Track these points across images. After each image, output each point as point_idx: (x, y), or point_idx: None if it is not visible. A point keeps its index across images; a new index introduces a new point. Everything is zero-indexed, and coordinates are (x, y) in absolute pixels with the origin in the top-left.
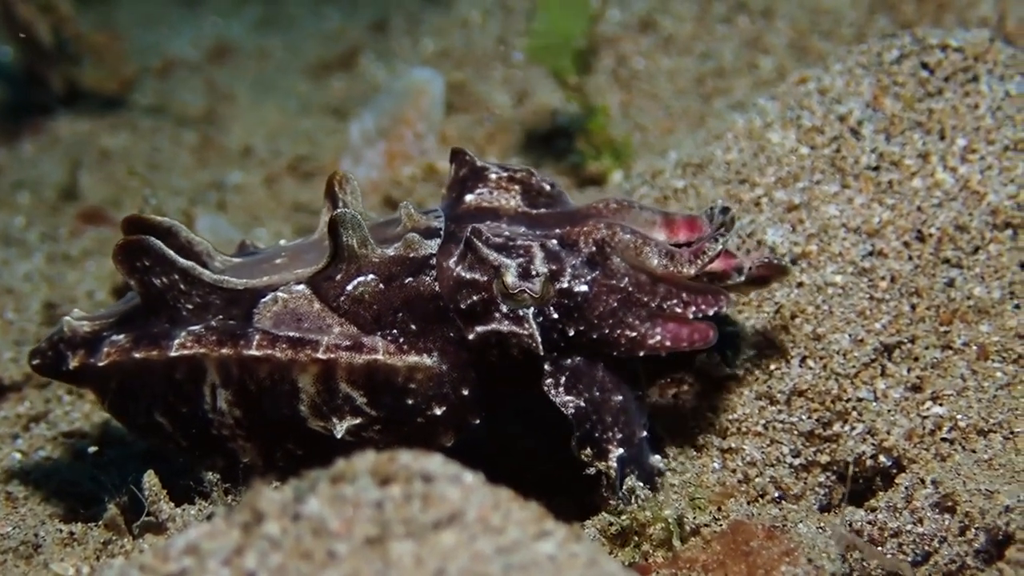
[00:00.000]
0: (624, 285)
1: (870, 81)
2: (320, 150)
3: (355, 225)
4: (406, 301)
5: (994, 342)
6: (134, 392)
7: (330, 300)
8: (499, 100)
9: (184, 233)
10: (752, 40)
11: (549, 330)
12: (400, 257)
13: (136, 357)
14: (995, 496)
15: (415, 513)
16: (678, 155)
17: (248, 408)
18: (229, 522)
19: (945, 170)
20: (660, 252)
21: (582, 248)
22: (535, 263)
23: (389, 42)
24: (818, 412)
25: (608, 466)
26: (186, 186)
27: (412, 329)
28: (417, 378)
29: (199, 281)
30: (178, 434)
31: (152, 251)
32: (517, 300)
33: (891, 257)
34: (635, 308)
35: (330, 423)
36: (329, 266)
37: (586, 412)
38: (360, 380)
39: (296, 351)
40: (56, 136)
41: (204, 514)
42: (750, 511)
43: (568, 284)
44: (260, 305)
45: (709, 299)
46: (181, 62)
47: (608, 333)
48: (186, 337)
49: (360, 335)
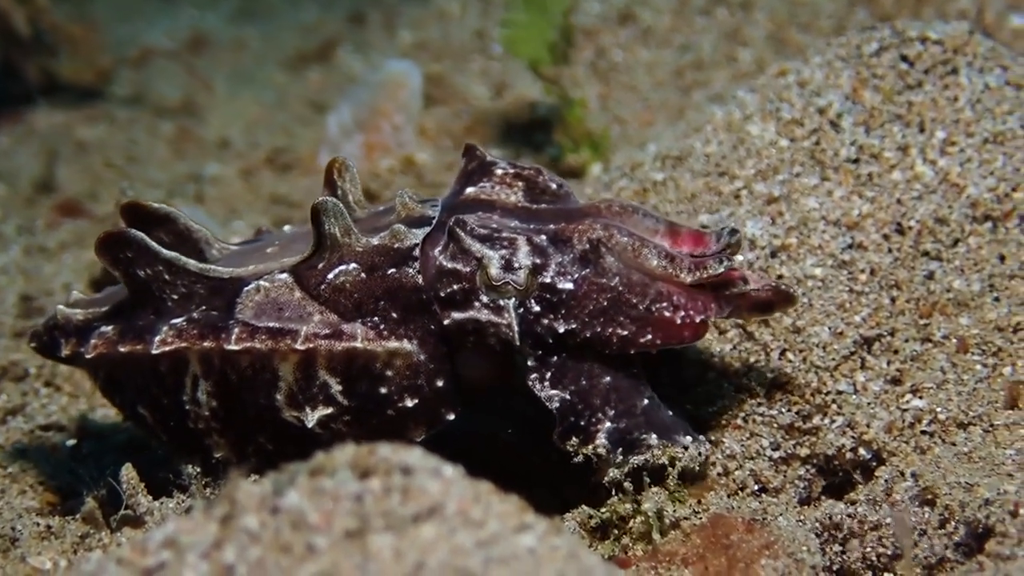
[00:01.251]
0: (615, 284)
1: (849, 74)
2: (297, 142)
3: (337, 213)
4: (388, 291)
5: (974, 335)
6: (120, 383)
7: (311, 288)
8: (477, 92)
9: (182, 220)
10: (731, 32)
11: (532, 324)
12: (384, 247)
13: (121, 351)
14: (975, 489)
15: (395, 506)
16: (657, 148)
17: (225, 399)
18: (208, 515)
19: (925, 163)
20: (660, 254)
21: (575, 245)
22: (518, 255)
23: (366, 34)
24: (798, 405)
25: (596, 447)
26: (163, 178)
27: (393, 317)
28: (396, 364)
29: (184, 271)
30: (159, 427)
31: (134, 242)
32: (501, 292)
33: (871, 250)
34: (625, 308)
35: (303, 412)
36: (313, 255)
37: (571, 404)
38: (339, 367)
39: (276, 341)
40: (32, 128)
41: (182, 507)
42: (730, 504)
43: (551, 279)
44: (243, 294)
45: (699, 305)
46: (158, 52)
47: (600, 332)
48: (167, 332)
49: (340, 323)
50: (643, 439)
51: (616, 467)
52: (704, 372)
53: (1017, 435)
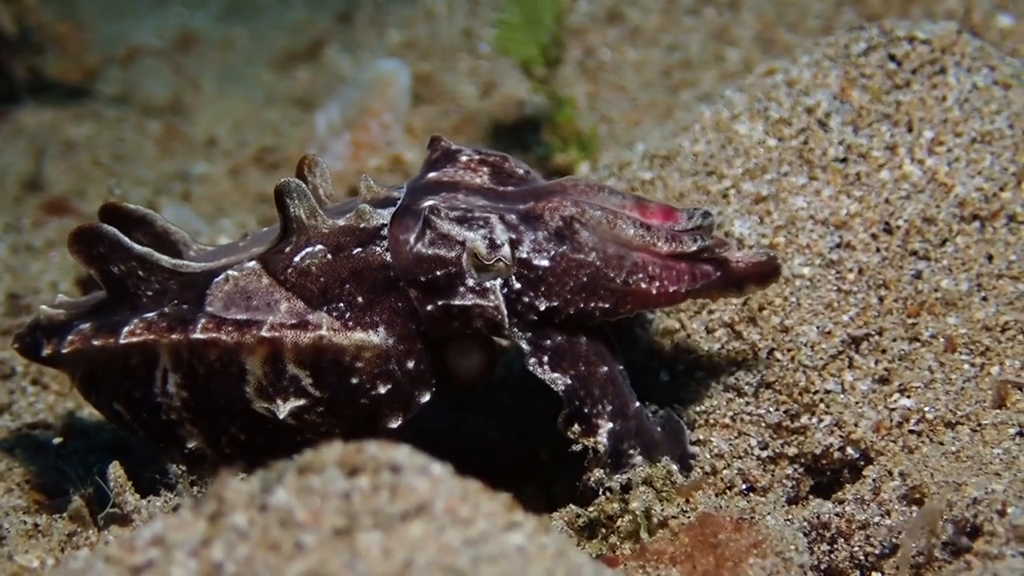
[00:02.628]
0: (593, 260)
1: (837, 73)
2: (286, 141)
3: (301, 194)
4: (354, 272)
5: (961, 334)
6: (96, 379)
7: (278, 273)
8: (465, 91)
9: (160, 222)
10: (719, 32)
11: (515, 303)
12: (350, 227)
13: (95, 345)
14: (963, 488)
15: (383, 504)
16: (645, 147)
17: (195, 390)
18: (196, 513)
19: (913, 162)
20: (635, 223)
21: (548, 222)
22: (496, 233)
23: (355, 33)
24: (786, 404)
25: (596, 441)
26: (151, 176)
27: (359, 302)
28: (365, 356)
29: (157, 267)
30: (134, 422)
31: (107, 238)
32: (490, 271)
33: (859, 249)
34: (604, 282)
35: (274, 404)
36: (280, 240)
37: (575, 388)
38: (307, 360)
39: (242, 333)
40: (19, 126)
41: (170, 506)
42: (718, 503)
43: (527, 255)
44: (213, 286)
45: (674, 275)
46: (145, 51)
47: (583, 307)
48: (136, 324)
49: (306, 311)
50: (631, 455)
51: (604, 475)
52: (692, 371)
53: (1005, 434)
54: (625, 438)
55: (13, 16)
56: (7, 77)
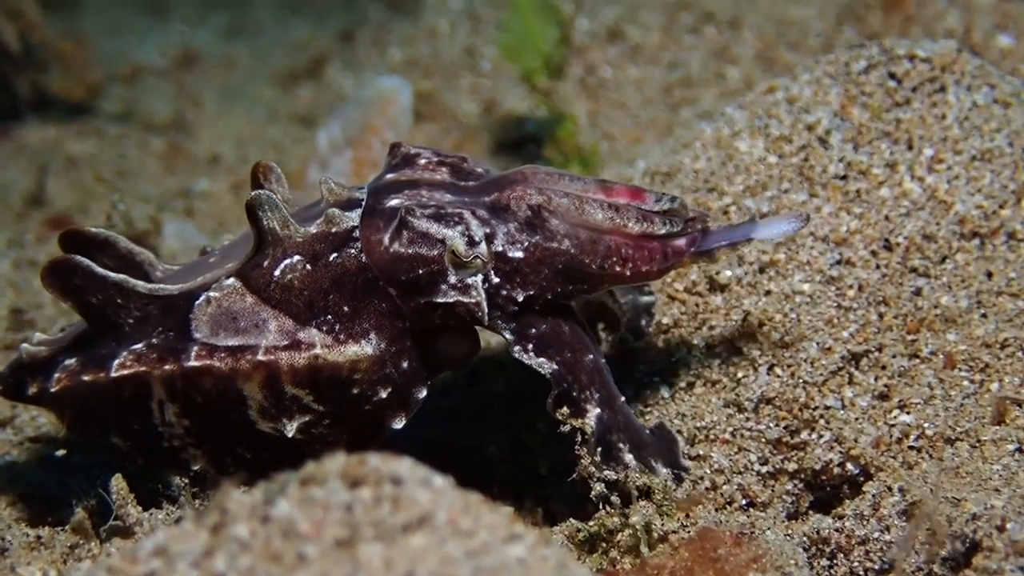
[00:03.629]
0: (566, 248)
1: (838, 91)
2: (287, 158)
3: (272, 205)
4: (335, 280)
5: (961, 351)
6: (88, 415)
7: (261, 290)
8: (467, 109)
9: (123, 243)
10: (719, 50)
11: (494, 296)
12: (323, 234)
13: (85, 380)
14: (962, 504)
15: (385, 515)
16: (646, 163)
17: (196, 418)
18: (198, 524)
19: (913, 179)
20: (604, 206)
21: (516, 212)
22: (472, 229)
23: (356, 51)
24: (786, 420)
25: (584, 422)
26: (153, 193)
27: (345, 312)
28: (361, 368)
29: (135, 293)
30: (134, 452)
31: (80, 269)
32: (469, 267)
33: (859, 266)
34: (580, 268)
35: (280, 424)
36: (256, 253)
37: (562, 373)
38: (305, 380)
39: (236, 360)
40: (23, 142)
41: (172, 518)
42: (718, 518)
43: (502, 248)
44: (195, 309)
45: (646, 255)
46: (148, 69)
47: (560, 291)
48: (126, 357)
49: (296, 329)
50: (620, 449)
51: (594, 467)
52: (692, 386)
53: (1004, 450)
54: (613, 429)
55: (17, 33)
56: (11, 93)
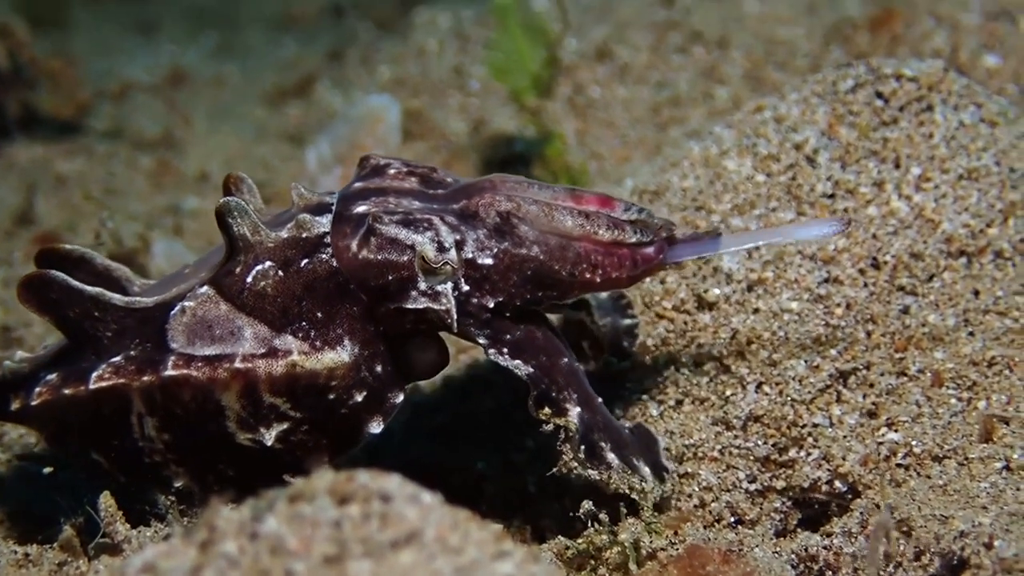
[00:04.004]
0: (535, 254)
1: (825, 110)
2: (276, 176)
3: (241, 211)
4: (306, 286)
5: (948, 369)
6: (69, 431)
7: (234, 297)
8: (455, 127)
9: (99, 260)
10: (707, 70)
11: (465, 304)
12: (294, 239)
13: (65, 394)
14: (950, 521)
15: (373, 532)
16: (634, 182)
17: (176, 431)
18: (187, 541)
19: (900, 198)
20: (573, 213)
21: (485, 219)
22: (442, 235)
23: (345, 70)
24: (774, 438)
25: (568, 420)
26: (142, 211)
27: (319, 318)
28: (338, 374)
29: (111, 306)
30: (115, 469)
31: (56, 283)
32: (438, 274)
33: (846, 284)
34: (550, 274)
35: (257, 433)
36: (228, 260)
37: (539, 375)
38: (283, 388)
39: (214, 369)
40: (11, 160)
41: (160, 536)
42: (706, 535)
43: (472, 255)
44: (171, 320)
45: (615, 261)
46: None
47: (530, 298)
48: (104, 369)
49: (272, 336)
50: (602, 448)
51: (577, 464)
52: (681, 404)
53: (991, 468)
54: (595, 428)
55: (6, 51)
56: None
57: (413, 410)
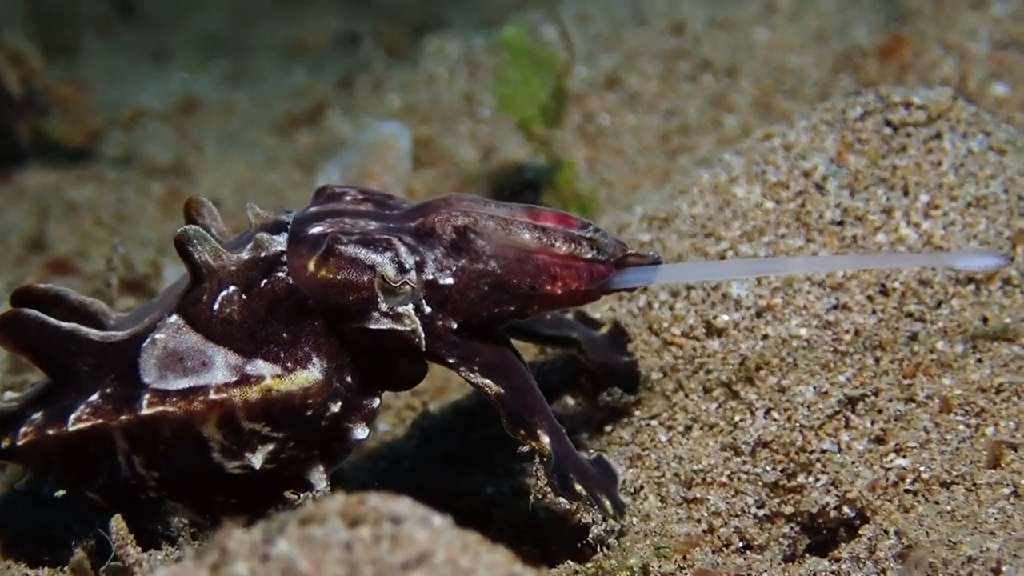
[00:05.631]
0: (493, 268)
1: (834, 137)
2: (287, 203)
3: (200, 238)
4: (269, 307)
5: (956, 395)
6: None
7: (203, 326)
8: (465, 155)
9: (73, 296)
10: (717, 98)
11: (431, 326)
12: (254, 260)
13: (49, 435)
14: (958, 547)
15: (384, 554)
16: (644, 209)
17: (163, 467)
18: (198, 563)
19: (909, 225)
20: (530, 227)
21: (442, 236)
22: (401, 255)
23: (355, 98)
24: (782, 463)
25: (543, 445)
26: (153, 237)
27: (285, 338)
28: (312, 392)
29: (87, 341)
30: (113, 506)
31: (31, 321)
32: (398, 294)
33: (855, 311)
34: (509, 288)
35: (244, 459)
36: (192, 288)
37: (509, 397)
38: (260, 414)
39: (189, 403)
40: (23, 187)
41: (171, 559)
42: (715, 560)
43: (433, 276)
44: (142, 352)
45: (573, 273)
46: (148, 113)
47: (488, 315)
48: (82, 410)
49: (243, 363)
50: (571, 479)
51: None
52: (689, 430)
53: (999, 494)
54: (564, 457)
55: (19, 78)
56: (11, 138)
57: (422, 435)
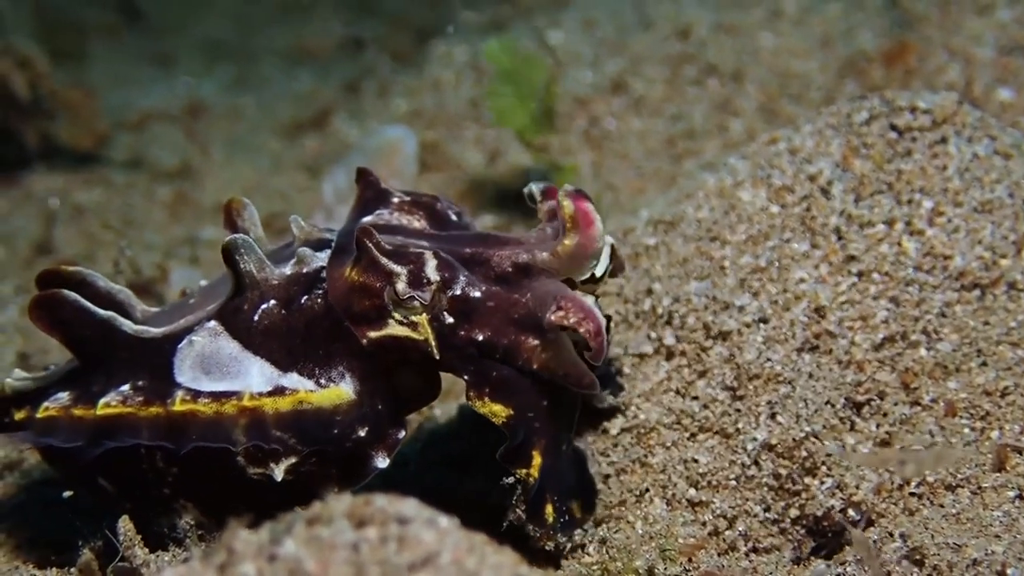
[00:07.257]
0: (526, 301)
1: (840, 142)
2: (293, 207)
3: (248, 248)
4: (307, 325)
5: (961, 399)
6: (74, 452)
7: (241, 335)
8: (471, 159)
9: (101, 282)
10: (722, 103)
11: (450, 336)
12: (296, 275)
13: (74, 414)
14: (963, 549)
15: (390, 555)
16: (649, 213)
17: (185, 464)
18: (205, 563)
19: (913, 230)
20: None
21: (493, 268)
22: (426, 269)
23: (361, 102)
24: (788, 467)
25: (531, 474)
26: (160, 241)
27: (321, 356)
28: (342, 409)
29: (120, 332)
30: (123, 497)
31: (68, 303)
32: (407, 308)
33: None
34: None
35: (267, 468)
36: (234, 296)
37: (517, 421)
38: (290, 423)
39: (221, 404)
40: (30, 190)
41: (178, 559)
42: (721, 563)
43: (461, 291)
44: (178, 352)
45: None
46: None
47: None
48: (113, 396)
49: (278, 376)
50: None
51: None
52: (694, 435)
53: (1004, 497)
54: (548, 477)
55: (26, 82)
56: (19, 142)
57: (428, 438)
